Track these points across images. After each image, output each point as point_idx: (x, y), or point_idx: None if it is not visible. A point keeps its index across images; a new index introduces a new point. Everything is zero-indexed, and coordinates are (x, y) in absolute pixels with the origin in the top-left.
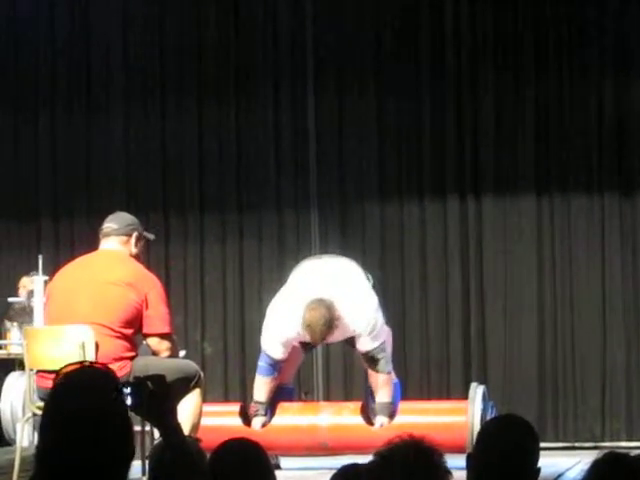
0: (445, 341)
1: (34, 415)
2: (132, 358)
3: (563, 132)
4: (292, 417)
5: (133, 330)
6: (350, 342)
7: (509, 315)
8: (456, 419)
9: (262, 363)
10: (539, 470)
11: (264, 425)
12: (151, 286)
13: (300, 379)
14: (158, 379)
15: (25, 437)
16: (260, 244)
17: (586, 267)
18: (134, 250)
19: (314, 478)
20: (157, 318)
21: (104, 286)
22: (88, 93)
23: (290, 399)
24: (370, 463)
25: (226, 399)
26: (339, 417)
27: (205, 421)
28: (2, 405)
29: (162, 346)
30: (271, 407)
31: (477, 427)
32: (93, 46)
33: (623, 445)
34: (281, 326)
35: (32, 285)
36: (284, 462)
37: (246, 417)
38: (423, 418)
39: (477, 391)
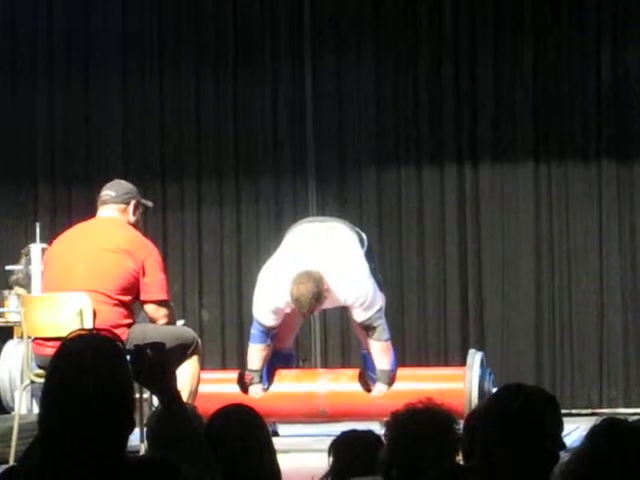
0: (442, 308)
1: (32, 382)
2: (129, 325)
3: (561, 99)
4: (290, 384)
5: (130, 297)
6: (347, 308)
7: (506, 282)
8: (454, 386)
9: (254, 331)
10: (561, 443)
11: (261, 392)
12: (148, 253)
13: (298, 347)
14: (157, 346)
15: (23, 405)
16: (257, 211)
17: (583, 234)
18: (132, 218)
19: (312, 445)
20: (154, 285)
21: (101, 253)
22: (86, 60)
23: (290, 364)
24: (387, 423)
25: (224, 366)
26: (337, 384)
27: (203, 388)
28: (0, 373)
29: (159, 313)
30: (269, 373)
31: (475, 394)
32: (91, 16)
33: (620, 412)
34: (271, 295)
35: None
36: (282, 429)
37: (244, 384)
38: (421, 385)
39: (475, 358)
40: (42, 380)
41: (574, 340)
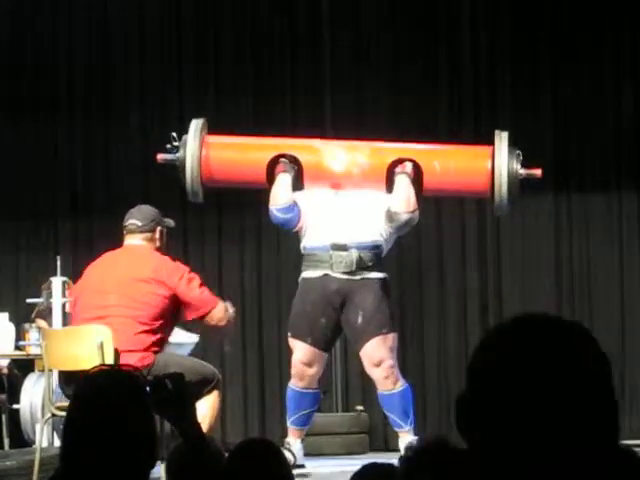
0: (464, 345)
1: (53, 416)
2: (157, 352)
3: (580, 131)
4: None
5: (162, 322)
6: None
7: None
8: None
9: None
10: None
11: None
12: (178, 278)
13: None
14: (176, 377)
15: (44, 438)
16: (278, 245)
17: (604, 266)
18: (158, 244)
19: (334, 477)
20: (196, 302)
21: (134, 284)
22: (106, 91)
23: (315, 404)
24: (401, 464)
25: (245, 397)
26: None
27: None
28: (21, 406)
29: (213, 322)
30: (309, 419)
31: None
32: (110, 45)
33: None
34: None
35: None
36: (308, 463)
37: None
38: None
39: (502, 136)
40: (63, 414)
41: None
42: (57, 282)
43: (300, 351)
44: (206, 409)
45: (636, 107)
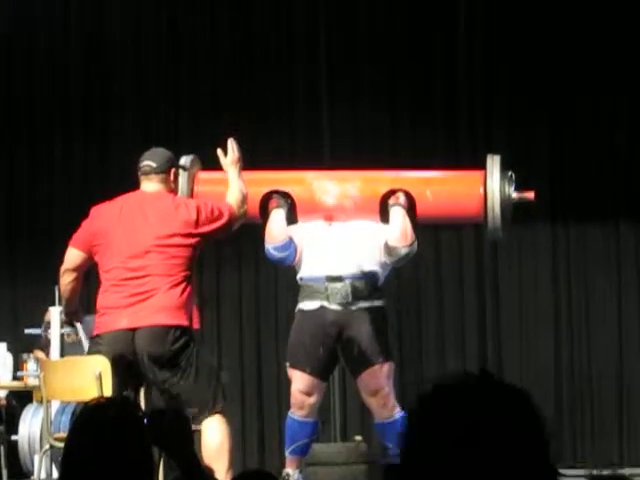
0: (461, 364)
1: (51, 447)
2: (191, 298)
3: (577, 159)
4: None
5: (191, 271)
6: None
7: (525, 342)
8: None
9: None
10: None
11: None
12: (203, 223)
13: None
14: (175, 409)
15: (43, 469)
16: (276, 274)
17: (602, 294)
18: (172, 186)
19: None
20: (221, 229)
21: (169, 239)
22: (104, 127)
23: (313, 434)
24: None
25: (243, 426)
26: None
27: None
28: (20, 437)
29: (235, 210)
30: (307, 448)
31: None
32: (106, 73)
33: None
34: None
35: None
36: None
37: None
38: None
39: (494, 159)
40: (62, 445)
41: (594, 400)
42: (55, 312)
43: (299, 381)
44: (221, 440)
45: (631, 135)
